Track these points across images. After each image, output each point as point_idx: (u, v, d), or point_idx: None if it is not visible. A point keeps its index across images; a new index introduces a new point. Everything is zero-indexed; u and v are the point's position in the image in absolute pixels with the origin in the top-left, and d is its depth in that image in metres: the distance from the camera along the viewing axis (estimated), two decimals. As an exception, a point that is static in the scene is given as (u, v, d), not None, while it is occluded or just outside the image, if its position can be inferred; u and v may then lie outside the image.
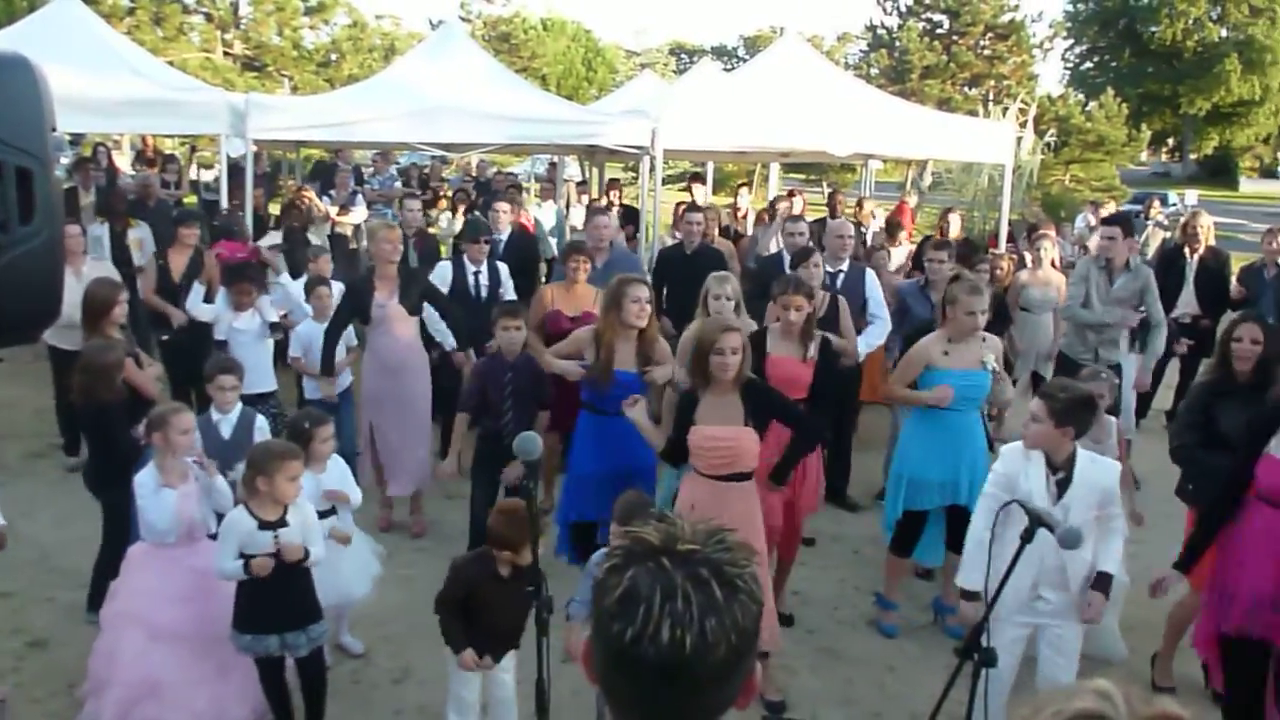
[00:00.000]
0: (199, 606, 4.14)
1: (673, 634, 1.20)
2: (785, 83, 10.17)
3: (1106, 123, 33.70)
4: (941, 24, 44.59)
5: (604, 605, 1.25)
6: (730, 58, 52.17)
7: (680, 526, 1.29)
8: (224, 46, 28.72)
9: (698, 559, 1.24)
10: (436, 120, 9.02)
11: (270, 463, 3.94)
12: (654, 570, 1.23)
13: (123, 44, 11.11)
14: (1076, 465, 4.01)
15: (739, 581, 1.25)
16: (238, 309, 6.77)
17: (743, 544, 1.30)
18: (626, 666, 1.24)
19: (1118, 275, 7.15)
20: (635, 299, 5.23)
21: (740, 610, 1.24)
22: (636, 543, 1.28)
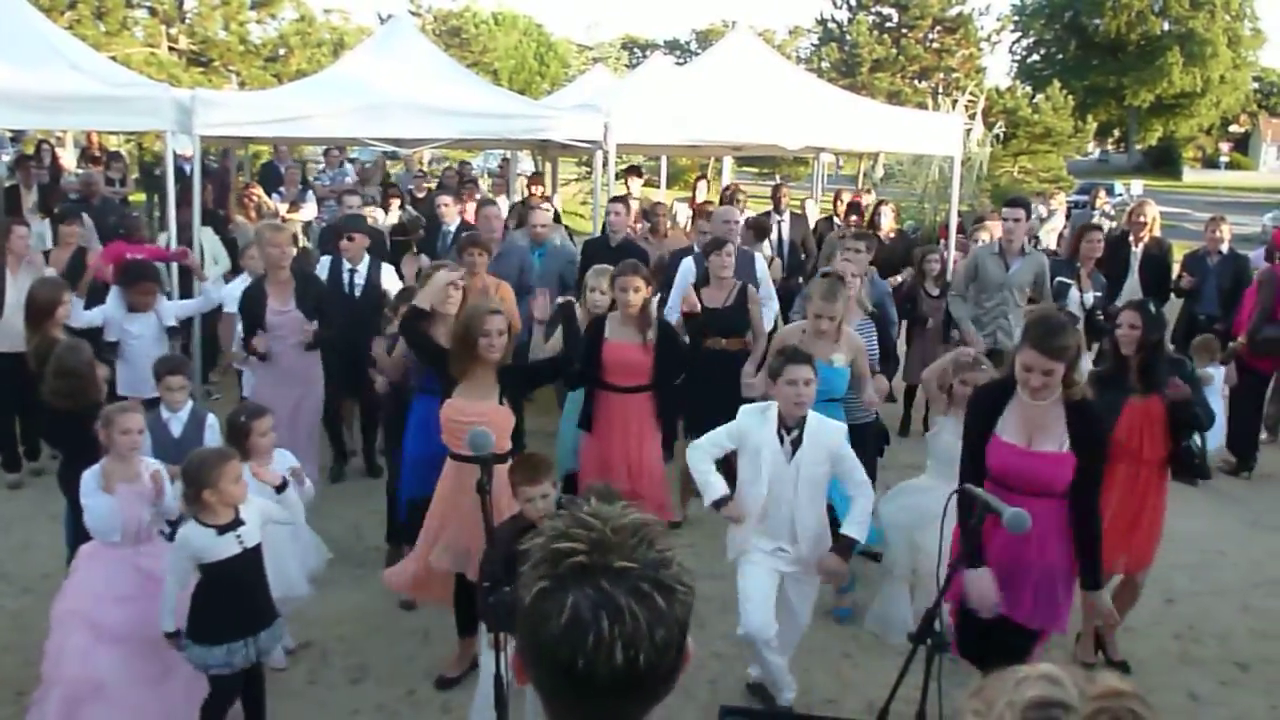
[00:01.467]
0: (145, 606, 4.06)
1: (626, 654, 1.19)
2: (737, 77, 10.21)
3: (1053, 115, 34.16)
4: (891, 18, 44.94)
5: (546, 630, 1.21)
6: (682, 52, 52.17)
7: (603, 532, 1.25)
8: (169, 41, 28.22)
9: (635, 574, 1.22)
10: (387, 115, 8.94)
11: (208, 472, 3.84)
12: (594, 595, 1.20)
13: (63, 39, 10.85)
14: (807, 427, 4.31)
15: (675, 583, 1.25)
16: (134, 309, 6.48)
17: (661, 530, 1.29)
18: (577, 686, 1.22)
19: (1014, 259, 7.28)
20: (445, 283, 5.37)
21: (680, 608, 1.25)
22: (564, 565, 1.23)
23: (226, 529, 3.90)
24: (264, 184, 12.78)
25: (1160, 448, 4.88)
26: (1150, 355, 4.83)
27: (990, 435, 3.95)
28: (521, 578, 1.27)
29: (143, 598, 4.11)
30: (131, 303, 6.46)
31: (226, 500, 3.89)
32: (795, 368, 4.27)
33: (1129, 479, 4.87)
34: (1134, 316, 4.87)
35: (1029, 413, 3.88)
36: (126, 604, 4.09)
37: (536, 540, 1.28)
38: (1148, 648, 5.23)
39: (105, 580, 4.15)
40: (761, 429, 4.35)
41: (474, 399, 4.59)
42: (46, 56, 9.02)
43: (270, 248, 6.29)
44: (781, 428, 4.33)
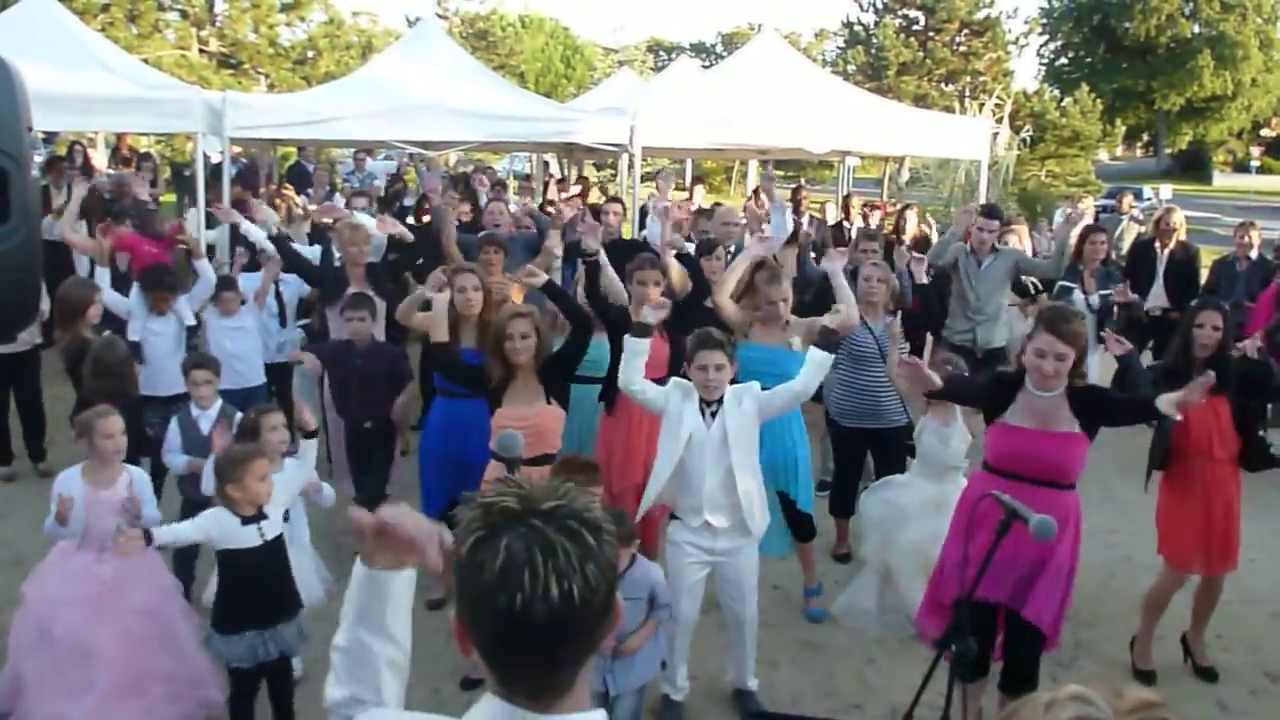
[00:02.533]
0: (86, 616, 4.06)
1: (561, 587, 1.26)
2: (763, 80, 10.22)
3: (1081, 118, 33.94)
4: (917, 20, 44.78)
5: (482, 579, 1.28)
6: (708, 55, 52.19)
7: (527, 486, 1.35)
8: (199, 44, 28.51)
9: (563, 513, 1.31)
10: (414, 118, 9.01)
11: (235, 469, 3.93)
12: (527, 534, 1.28)
13: (96, 41, 11.02)
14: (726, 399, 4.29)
15: (601, 523, 1.33)
16: (155, 313, 6.50)
17: (583, 486, 1.41)
18: (516, 631, 1.28)
19: (985, 257, 7.35)
20: (461, 288, 5.43)
21: (609, 549, 1.33)
22: (497, 513, 1.31)
23: (249, 520, 3.97)
24: (292, 184, 12.88)
25: (1230, 445, 4.81)
26: (1219, 355, 4.77)
27: (995, 422, 4.05)
28: (456, 538, 1.33)
29: (92, 606, 4.10)
30: (151, 306, 6.52)
31: (250, 498, 3.95)
32: (707, 353, 4.25)
33: (1202, 479, 4.81)
34: (1217, 318, 4.78)
35: (1037, 404, 3.97)
36: (70, 609, 4.07)
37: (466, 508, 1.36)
38: (1177, 656, 5.18)
39: (60, 583, 4.17)
40: (687, 399, 4.32)
41: (521, 404, 4.62)
42: (80, 59, 9.16)
43: (349, 246, 6.56)
44: (702, 403, 4.32)
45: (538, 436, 4.51)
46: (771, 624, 5.33)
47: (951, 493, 5.06)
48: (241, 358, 6.52)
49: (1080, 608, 5.17)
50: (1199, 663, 5.08)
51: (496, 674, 1.36)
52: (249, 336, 6.70)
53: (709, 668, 4.85)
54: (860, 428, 5.98)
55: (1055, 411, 3.97)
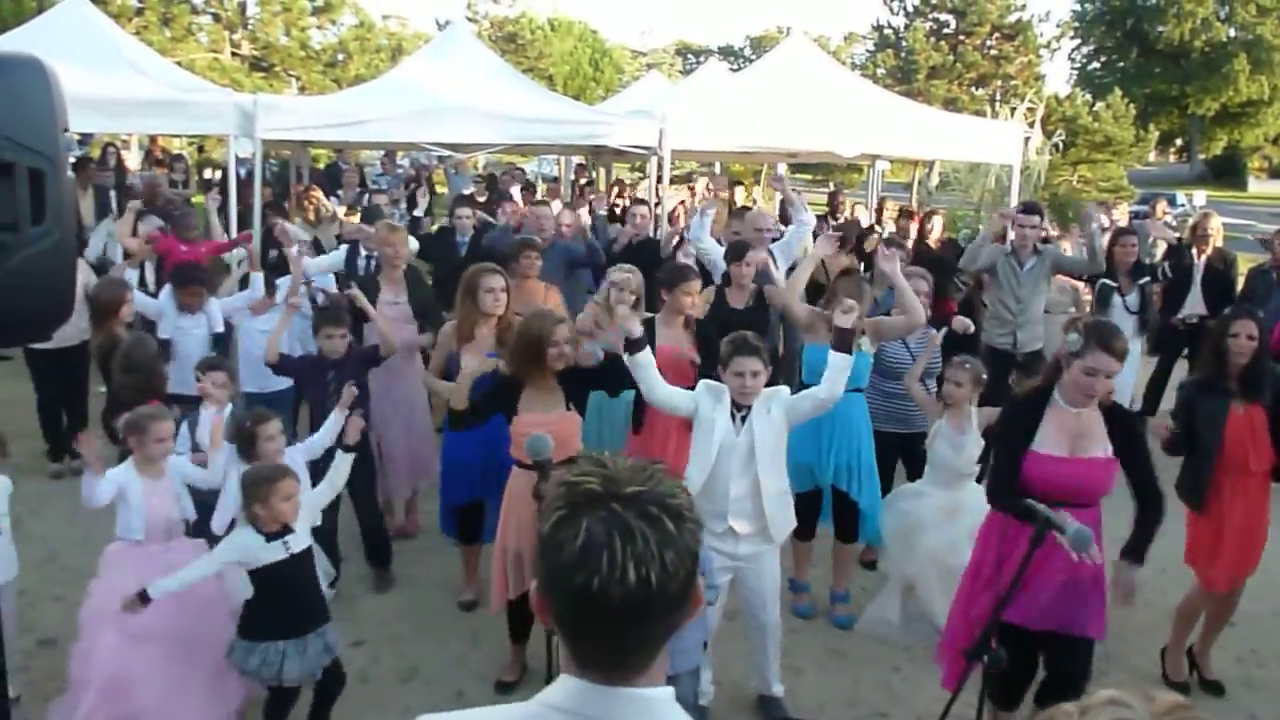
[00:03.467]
0: (171, 607, 4.10)
1: (639, 573, 1.28)
2: (792, 83, 10.19)
3: (1114, 123, 33.59)
4: (948, 24, 44.55)
5: (562, 557, 1.30)
6: (736, 58, 52.15)
7: (613, 467, 1.36)
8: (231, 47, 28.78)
9: (645, 498, 1.32)
10: (443, 120, 9.04)
11: (261, 489, 3.97)
12: (607, 517, 1.30)
13: (131, 44, 11.14)
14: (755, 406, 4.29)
15: (683, 510, 1.34)
16: (184, 311, 6.53)
17: (667, 471, 1.38)
18: (592, 610, 1.30)
19: (1026, 259, 7.25)
20: (490, 289, 5.44)
21: (689, 535, 1.34)
22: (580, 493, 1.33)
23: (274, 536, 3.99)
24: (326, 185, 12.97)
25: (1266, 458, 4.70)
26: (1255, 364, 4.70)
27: (1026, 450, 3.89)
28: (539, 515, 1.36)
29: (170, 597, 4.12)
30: (181, 303, 6.55)
31: (276, 516, 3.99)
32: (743, 359, 4.24)
33: (1234, 494, 4.72)
34: (1251, 327, 4.71)
35: (1069, 421, 3.87)
36: (154, 604, 4.08)
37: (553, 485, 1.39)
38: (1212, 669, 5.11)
39: (133, 580, 4.15)
40: (718, 405, 4.32)
41: (540, 410, 4.60)
42: (115, 61, 9.26)
43: (385, 247, 6.53)
44: (733, 407, 4.32)
45: (559, 442, 4.49)
46: (796, 630, 5.32)
47: (965, 499, 5.04)
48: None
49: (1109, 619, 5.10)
50: (1205, 675, 5.01)
51: (572, 650, 1.39)
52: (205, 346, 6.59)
53: (732, 674, 4.83)
54: (890, 431, 5.96)
55: (1089, 429, 3.87)
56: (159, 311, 6.63)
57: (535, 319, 4.71)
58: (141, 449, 4.30)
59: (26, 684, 4.63)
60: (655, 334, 5.48)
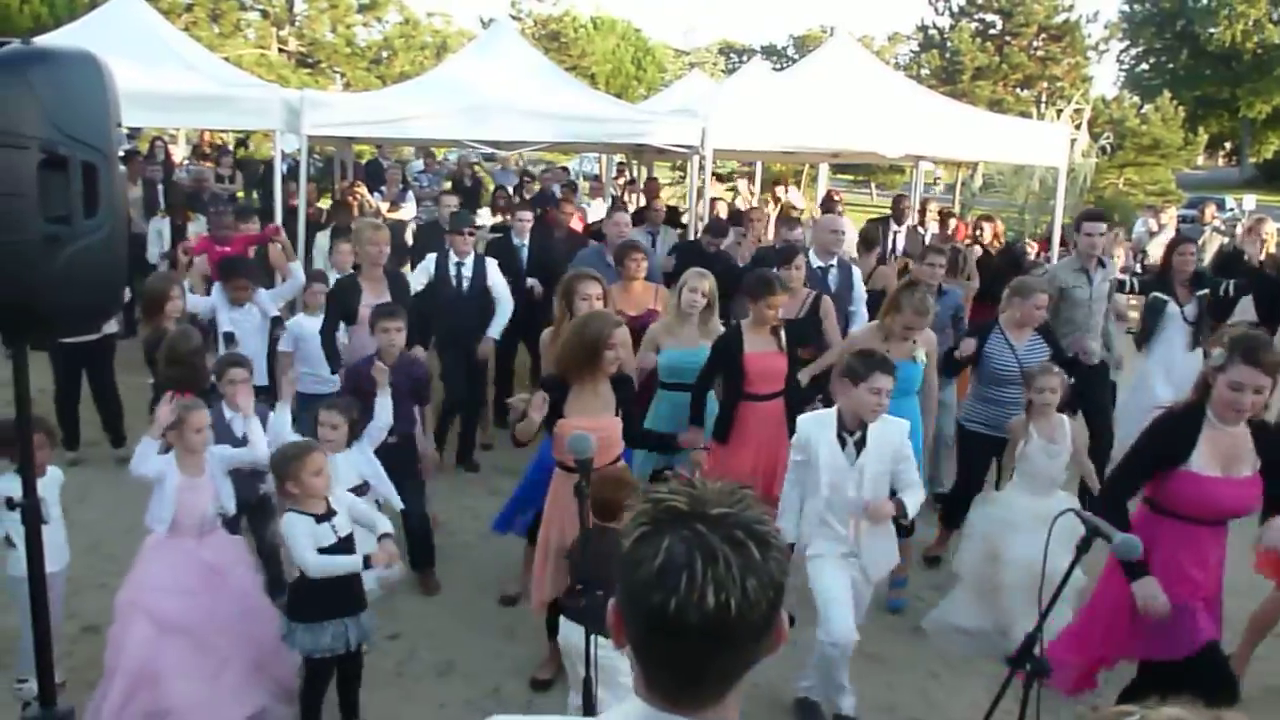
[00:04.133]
0: (207, 600, 4.16)
1: (718, 598, 1.22)
2: (836, 83, 10.10)
3: (1162, 126, 33.15)
4: (994, 24, 44.08)
5: (639, 575, 1.26)
6: (780, 57, 51.91)
7: (702, 488, 1.31)
8: (278, 43, 29.08)
9: (731, 521, 1.27)
10: (487, 118, 9.06)
11: (289, 465, 4.03)
12: (690, 537, 1.25)
13: (180, 40, 11.29)
14: (870, 429, 4.35)
15: (770, 537, 1.28)
16: (234, 303, 6.61)
17: (758, 500, 1.33)
18: (668, 633, 1.25)
19: (1095, 271, 7.04)
20: (585, 296, 5.47)
21: (775, 565, 1.27)
22: (664, 510, 1.29)
23: (323, 519, 4.04)
24: (369, 181, 13.09)
25: None
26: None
27: (1176, 469, 3.80)
28: (623, 530, 1.31)
29: (205, 591, 4.20)
30: (230, 297, 6.64)
31: (308, 491, 4.03)
32: (882, 377, 4.28)
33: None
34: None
35: (1221, 442, 3.77)
36: (187, 596, 4.16)
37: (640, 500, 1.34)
38: (1254, 684, 5.01)
39: (168, 572, 4.23)
40: (822, 434, 4.39)
41: (590, 414, 4.52)
42: (164, 57, 9.38)
43: (369, 245, 6.43)
44: (843, 430, 4.38)
45: (604, 447, 4.43)
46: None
47: (1055, 507, 4.92)
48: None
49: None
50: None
51: (643, 672, 1.34)
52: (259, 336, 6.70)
53: (770, 675, 4.80)
54: (989, 435, 5.93)
55: (1239, 448, 3.77)
56: (212, 308, 6.74)
57: (594, 319, 4.64)
58: (181, 440, 4.34)
59: (70, 670, 4.69)
60: (744, 341, 5.46)
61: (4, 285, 2.36)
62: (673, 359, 5.75)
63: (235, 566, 4.41)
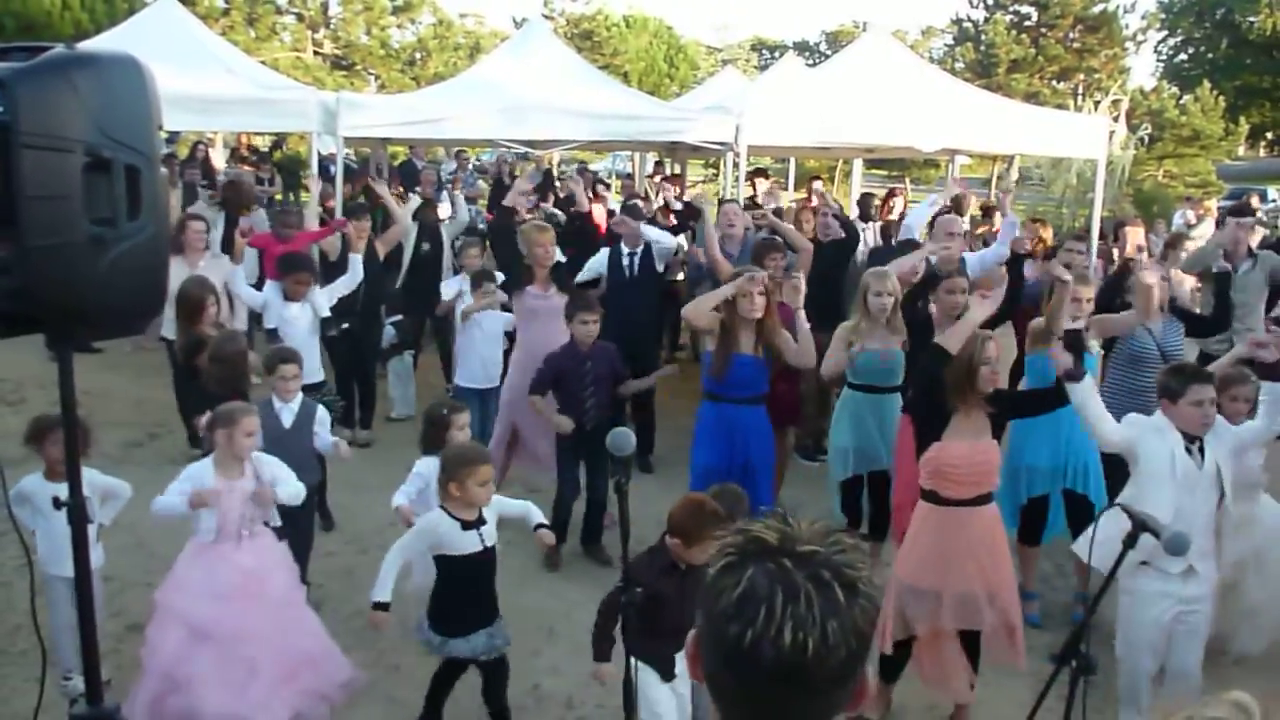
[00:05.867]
0: (239, 607, 4.15)
1: (794, 636, 1.18)
2: (870, 78, 10.04)
3: (1202, 116, 32.68)
4: (1030, 16, 43.57)
5: (719, 605, 1.23)
6: (812, 53, 51.64)
7: (796, 525, 1.27)
8: (314, 46, 29.32)
9: (819, 560, 1.23)
10: (522, 117, 9.10)
11: (460, 469, 4.02)
12: (774, 571, 1.22)
13: (218, 44, 11.42)
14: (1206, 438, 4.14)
15: (859, 584, 1.23)
16: (290, 299, 6.64)
17: (858, 545, 1.28)
18: (742, 668, 1.22)
19: (1241, 263, 6.83)
20: (746, 293, 5.39)
21: (860, 614, 1.23)
22: (752, 541, 1.25)
23: (470, 525, 4.03)
24: (404, 182, 13.16)
25: None
26: None
27: None
28: (710, 559, 1.28)
29: (241, 596, 4.18)
30: (288, 291, 6.65)
31: (469, 499, 4.02)
32: (1203, 388, 4.12)
33: None
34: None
35: None
36: (221, 602, 4.15)
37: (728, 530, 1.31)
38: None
39: (205, 577, 4.22)
40: (1165, 437, 4.17)
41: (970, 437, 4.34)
42: (203, 60, 9.49)
43: (536, 248, 6.71)
44: (1186, 439, 4.16)
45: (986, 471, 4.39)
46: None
47: (1257, 512, 4.85)
48: None
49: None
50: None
51: (719, 711, 1.31)
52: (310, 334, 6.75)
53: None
54: None
55: None
56: (264, 303, 6.78)
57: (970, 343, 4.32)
58: (230, 443, 4.31)
59: (115, 668, 4.74)
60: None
61: (52, 287, 2.38)
62: (866, 360, 5.69)
63: (275, 571, 4.38)
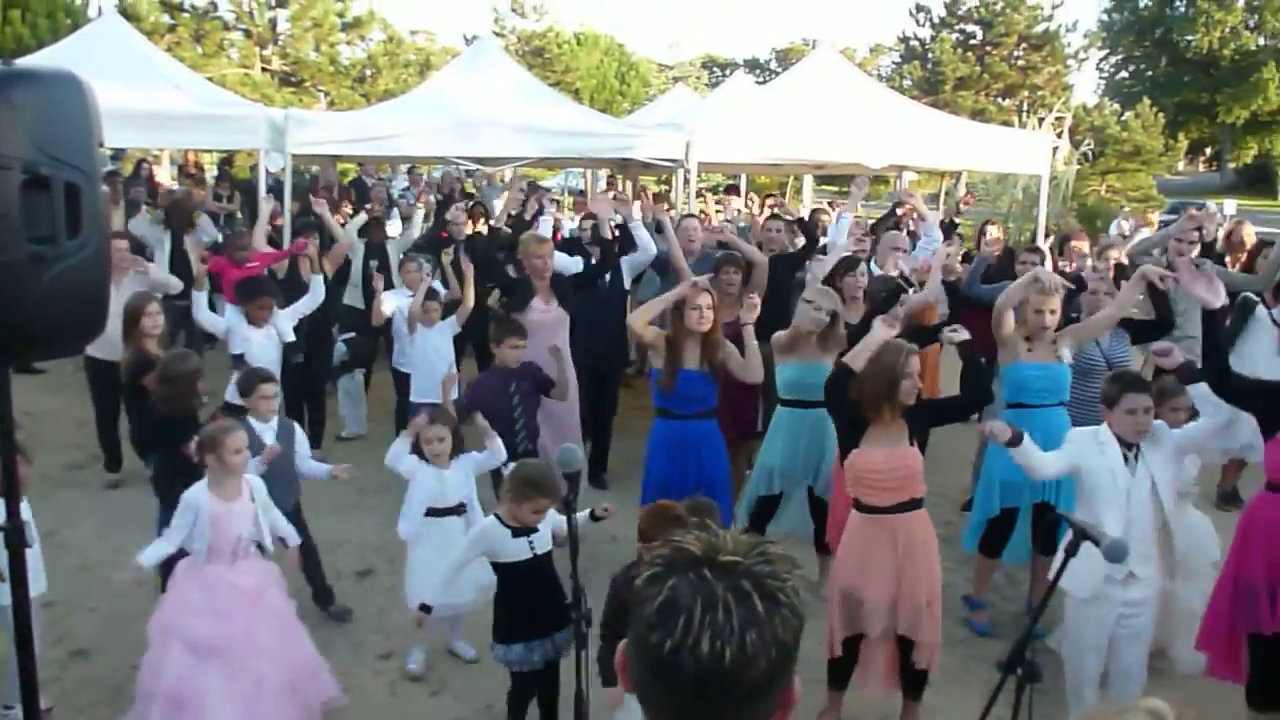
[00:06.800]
0: (240, 622, 4.17)
1: (712, 646, 1.19)
2: (820, 95, 10.16)
3: (1143, 132, 33.40)
4: (975, 35, 44.32)
5: (643, 614, 1.24)
6: (762, 71, 52.09)
7: (722, 537, 1.28)
8: (262, 62, 29.07)
9: (740, 571, 1.23)
10: (473, 134, 9.08)
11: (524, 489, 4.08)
12: (695, 581, 1.22)
13: (164, 60, 11.30)
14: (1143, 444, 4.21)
15: (780, 595, 1.24)
16: (254, 324, 6.57)
17: (785, 557, 1.28)
18: (665, 677, 1.23)
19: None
20: (694, 306, 5.38)
21: (781, 624, 1.23)
22: (678, 552, 1.27)
23: (521, 533, 4.11)
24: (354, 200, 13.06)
25: None
26: None
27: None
28: (641, 568, 1.30)
29: (239, 613, 4.20)
30: (249, 317, 6.56)
31: (520, 518, 4.11)
32: (1137, 396, 4.16)
33: None
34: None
35: None
36: (222, 619, 4.16)
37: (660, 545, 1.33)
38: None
39: (201, 596, 4.23)
40: (1106, 449, 4.22)
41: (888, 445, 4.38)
42: (149, 77, 9.39)
43: (534, 259, 6.85)
44: (1124, 446, 4.22)
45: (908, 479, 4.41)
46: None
47: (1184, 521, 4.90)
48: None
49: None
50: None
51: (647, 715, 1.31)
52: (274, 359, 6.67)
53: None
54: None
55: None
56: (227, 328, 6.65)
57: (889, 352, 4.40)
58: (220, 464, 4.30)
59: (59, 694, 4.66)
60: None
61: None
62: (796, 375, 5.66)
63: (268, 589, 4.40)
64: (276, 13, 29.07)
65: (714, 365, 5.48)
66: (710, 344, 5.47)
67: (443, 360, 6.99)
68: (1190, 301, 6.90)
